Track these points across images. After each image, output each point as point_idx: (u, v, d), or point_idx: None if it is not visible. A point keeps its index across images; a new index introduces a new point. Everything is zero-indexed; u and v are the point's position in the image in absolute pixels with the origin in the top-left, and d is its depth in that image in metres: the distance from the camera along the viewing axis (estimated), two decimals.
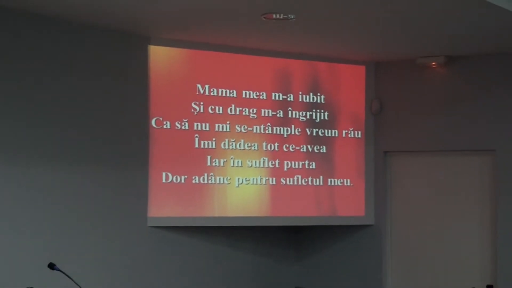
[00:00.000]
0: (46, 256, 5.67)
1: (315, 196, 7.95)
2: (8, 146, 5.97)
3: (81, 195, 6.49)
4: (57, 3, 5.87)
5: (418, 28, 6.67)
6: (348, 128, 8.11)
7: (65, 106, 6.39)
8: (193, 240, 7.37)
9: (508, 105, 7.49)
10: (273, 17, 6.22)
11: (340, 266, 8.24)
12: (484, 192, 7.68)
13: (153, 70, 7.06)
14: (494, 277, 7.56)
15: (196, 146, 7.25)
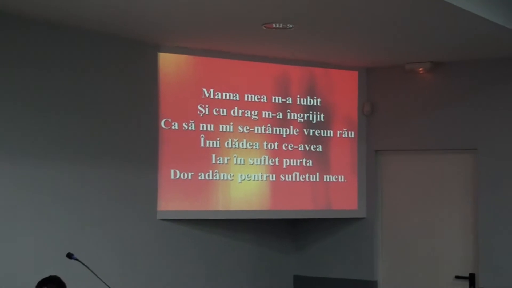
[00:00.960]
0: (65, 246, 5.67)
1: (312, 191, 7.95)
2: (34, 148, 6.02)
3: (97, 191, 6.50)
4: (74, 14, 5.87)
5: (406, 37, 6.68)
6: (342, 129, 8.10)
7: (83, 109, 6.40)
8: (199, 232, 7.37)
9: (488, 107, 7.49)
10: (273, 27, 6.22)
11: (335, 256, 8.23)
12: (467, 187, 7.68)
13: (163, 75, 7.06)
14: (476, 266, 7.57)
15: (202, 145, 7.24)
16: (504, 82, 7.44)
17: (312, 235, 8.36)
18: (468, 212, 7.66)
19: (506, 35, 6.37)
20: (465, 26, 6.15)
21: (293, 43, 6.98)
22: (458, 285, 7.68)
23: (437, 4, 5.40)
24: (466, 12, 5.59)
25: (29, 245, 5.96)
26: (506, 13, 6.08)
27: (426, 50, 7.28)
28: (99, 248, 6.35)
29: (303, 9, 5.75)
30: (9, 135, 5.89)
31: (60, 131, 6.23)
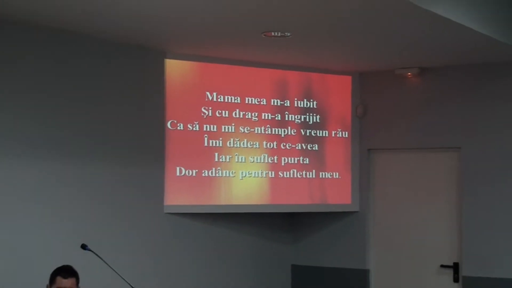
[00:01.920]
0: (79, 238, 5.65)
1: (308, 186, 7.94)
2: (52, 147, 6.03)
3: (108, 187, 6.49)
4: (89, 24, 5.89)
5: (396, 45, 6.68)
6: (337, 129, 8.08)
7: (96, 111, 6.40)
8: (203, 224, 7.36)
9: (471, 109, 7.48)
10: (272, 35, 6.22)
11: (329, 246, 8.23)
12: (451, 183, 7.67)
13: (169, 80, 7.04)
14: (459, 256, 7.56)
15: (205, 144, 7.23)
16: (485, 86, 7.43)
17: (309, 227, 8.35)
18: (453, 206, 7.65)
19: (487, 43, 6.35)
20: (449, 35, 6.15)
21: (290, 50, 6.96)
22: (443, 273, 7.67)
23: (424, 15, 5.39)
24: (451, 21, 5.60)
25: (46, 237, 5.96)
26: (487, 23, 6.06)
27: (414, 57, 7.27)
28: (110, 239, 6.34)
29: (300, 18, 5.74)
30: (31, 135, 5.90)
31: (75, 131, 6.22)
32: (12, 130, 5.80)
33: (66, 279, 5.42)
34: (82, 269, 5.55)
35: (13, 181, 5.78)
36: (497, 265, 7.24)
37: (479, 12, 5.97)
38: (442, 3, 5.45)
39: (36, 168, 5.94)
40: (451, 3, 5.58)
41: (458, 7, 5.67)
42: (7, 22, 5.67)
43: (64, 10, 5.45)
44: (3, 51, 5.70)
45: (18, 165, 5.81)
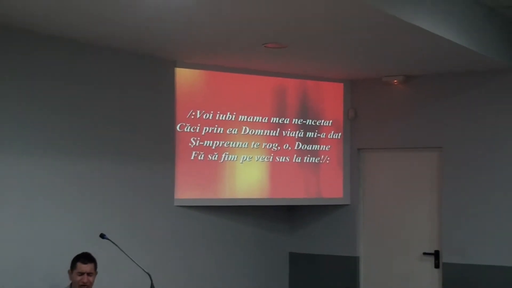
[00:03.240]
0: (97, 229, 5.64)
1: (305, 182, 7.90)
2: (72, 147, 6.01)
3: (125, 182, 6.48)
4: (103, 35, 5.86)
5: (384, 55, 6.66)
6: (330, 131, 8.04)
7: (112, 116, 6.38)
8: (209, 216, 7.33)
9: (451, 112, 7.46)
10: (271, 46, 6.20)
11: (323, 236, 8.20)
12: (433, 179, 7.65)
13: (179, 87, 7.00)
14: (440, 244, 7.55)
15: (211, 145, 7.20)
16: (463, 92, 7.40)
17: (305, 219, 8.32)
18: (434, 200, 7.63)
19: (464, 53, 6.32)
20: (431, 47, 6.12)
21: (288, 60, 6.94)
22: (426, 260, 7.66)
23: (408, 28, 5.39)
24: (433, 34, 5.59)
25: (68, 227, 5.95)
26: (465, 35, 6.05)
27: (400, 66, 7.25)
28: (125, 229, 6.33)
29: (297, 32, 5.74)
30: (58, 138, 5.91)
31: (94, 134, 6.20)
32: (43, 132, 5.80)
33: (86, 264, 5.48)
34: (98, 255, 5.60)
35: (40, 178, 5.77)
36: (473, 253, 7.22)
37: (457, 25, 5.96)
38: (424, 18, 5.45)
39: (61, 166, 5.93)
40: (432, 17, 5.58)
41: (438, 21, 5.66)
42: (28, 32, 5.64)
43: (82, 22, 5.44)
44: (26, 60, 5.69)
45: (45, 164, 5.80)
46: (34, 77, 5.75)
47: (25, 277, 5.61)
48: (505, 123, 7.16)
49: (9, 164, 5.54)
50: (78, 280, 5.44)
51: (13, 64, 5.60)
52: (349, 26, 5.52)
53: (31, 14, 5.17)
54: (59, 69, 5.95)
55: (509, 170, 7.11)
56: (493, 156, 7.20)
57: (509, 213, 7.07)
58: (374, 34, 5.75)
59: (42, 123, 5.79)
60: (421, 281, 7.65)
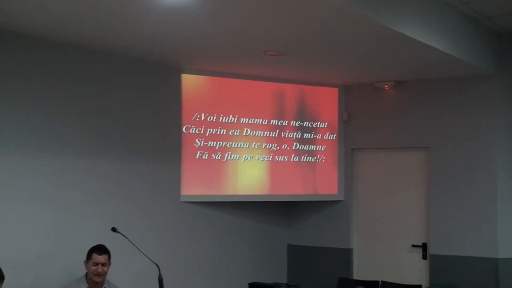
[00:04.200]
0: (109, 223, 5.63)
1: (302, 179, 7.89)
2: (89, 147, 6.04)
3: (135, 179, 6.48)
4: (114, 43, 5.87)
5: (376, 62, 6.67)
6: (326, 132, 8.03)
7: (124, 118, 6.38)
8: (214, 211, 7.33)
9: (438, 115, 7.44)
10: (271, 54, 6.20)
11: (319, 229, 8.20)
12: (421, 176, 7.63)
13: (185, 91, 7.00)
14: (427, 237, 7.54)
15: (215, 145, 7.19)
16: (449, 96, 7.39)
17: (302, 213, 8.32)
18: (422, 196, 7.61)
19: (450, 61, 6.32)
20: (421, 54, 6.11)
21: (287, 67, 6.93)
22: (414, 252, 7.65)
23: (398, 38, 5.40)
24: (421, 43, 5.60)
25: (84, 221, 5.96)
26: (450, 44, 6.04)
27: (391, 72, 7.24)
28: (135, 223, 6.31)
29: (295, 41, 5.74)
30: (78, 140, 5.94)
31: (108, 135, 6.21)
32: (66, 134, 5.84)
33: (100, 255, 5.51)
34: (111, 247, 5.60)
35: (61, 177, 5.80)
36: (458, 245, 7.21)
37: (444, 35, 5.95)
38: (413, 28, 5.46)
39: (80, 165, 5.95)
40: (421, 28, 5.58)
41: (427, 31, 5.66)
42: (50, 41, 5.65)
43: (98, 33, 5.46)
44: (52, 68, 5.71)
45: (66, 163, 5.83)
46: (61, 83, 5.82)
47: (45, 267, 5.63)
48: (487, 125, 7.14)
49: (33, 163, 5.57)
50: (93, 270, 5.49)
51: (39, 72, 5.66)
52: (343, 36, 5.53)
53: (52, 25, 5.21)
54: (80, 75, 5.98)
55: (490, 169, 7.09)
56: (476, 156, 7.18)
57: (489, 209, 7.06)
58: (367, 43, 5.74)
59: (66, 126, 5.83)
60: (410, 271, 7.62)
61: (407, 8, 5.42)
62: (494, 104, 7.13)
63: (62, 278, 5.70)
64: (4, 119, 5.36)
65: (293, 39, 5.65)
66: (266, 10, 4.74)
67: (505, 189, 7.08)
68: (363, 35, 5.44)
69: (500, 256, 6.99)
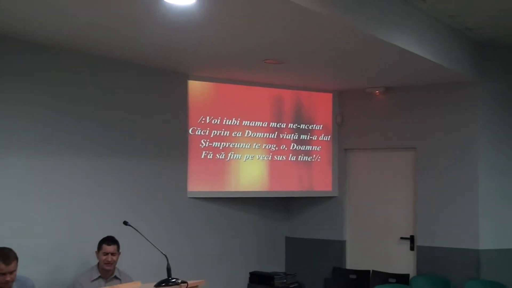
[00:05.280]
0: (120, 217, 5.62)
1: (299, 177, 7.87)
2: (104, 147, 6.03)
3: (144, 178, 6.46)
4: (126, 52, 5.86)
5: (367, 70, 6.64)
6: (321, 134, 8.01)
7: (136, 121, 6.37)
8: (218, 206, 7.31)
9: (424, 118, 7.42)
10: (271, 62, 6.19)
11: (315, 223, 8.17)
12: (409, 174, 7.61)
13: (191, 96, 6.98)
14: (414, 230, 7.52)
15: (219, 146, 7.17)
16: (434, 101, 7.37)
17: (299, 208, 8.30)
18: (410, 192, 7.59)
19: (435, 68, 6.29)
20: (408, 63, 6.10)
21: (285, 74, 6.91)
22: (402, 243, 7.63)
23: (388, 47, 5.39)
24: (408, 52, 5.58)
25: (95, 215, 5.94)
26: (435, 53, 6.03)
27: (380, 79, 7.21)
28: (145, 217, 6.30)
29: (292, 51, 5.73)
30: (94, 142, 5.94)
31: (121, 137, 6.20)
32: (84, 137, 5.86)
33: (110, 246, 5.51)
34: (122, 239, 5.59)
35: (75, 175, 5.78)
36: (443, 237, 7.19)
37: (429, 44, 5.93)
38: (401, 38, 5.44)
39: (93, 164, 5.94)
40: (408, 37, 5.56)
41: (413, 40, 5.65)
42: (58, 49, 5.62)
43: (109, 41, 5.44)
44: (62, 76, 5.68)
45: (80, 163, 5.82)
46: (82, 91, 5.84)
47: (60, 257, 5.62)
48: (469, 127, 7.12)
49: (51, 163, 5.57)
50: (104, 259, 5.49)
51: (62, 80, 5.67)
52: (337, 46, 5.51)
53: (66, 34, 5.18)
54: (99, 83, 6.00)
55: (472, 168, 7.07)
56: (459, 155, 7.16)
57: (471, 204, 7.04)
58: (358, 52, 5.73)
59: (83, 129, 5.84)
60: (399, 262, 7.60)
61: (396, 21, 5.41)
62: (475, 108, 7.11)
63: (76, 267, 5.71)
64: (26, 123, 5.37)
65: (291, 48, 5.64)
66: (266, 22, 4.72)
67: (486, 186, 7.06)
68: (355, 45, 5.42)
69: (481, 248, 6.97)
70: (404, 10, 5.56)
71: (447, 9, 5.78)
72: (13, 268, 4.67)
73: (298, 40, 5.32)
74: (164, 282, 4.10)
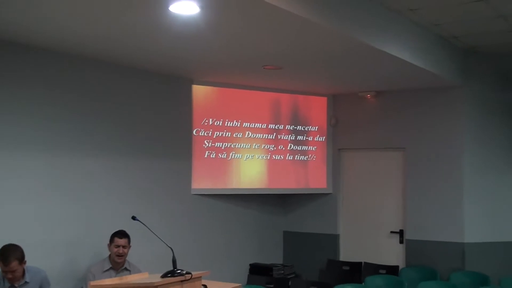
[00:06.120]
0: (129, 212, 5.60)
1: (296, 175, 7.86)
2: (116, 150, 6.05)
3: (151, 176, 6.46)
4: (134, 59, 5.86)
5: (359, 75, 6.64)
6: (316, 135, 8.00)
7: (144, 124, 6.38)
8: (220, 202, 7.30)
9: (413, 120, 7.43)
10: (269, 68, 6.19)
11: (311, 218, 8.17)
12: (398, 172, 7.62)
13: (195, 100, 6.98)
14: (403, 225, 7.53)
15: (221, 146, 7.17)
16: (422, 104, 7.37)
17: (296, 204, 8.30)
18: (399, 189, 7.60)
19: (424, 73, 6.30)
20: (398, 68, 6.10)
21: (283, 79, 6.91)
22: (392, 237, 7.62)
23: (379, 54, 5.40)
24: (399, 59, 5.61)
25: (107, 211, 5.96)
26: (423, 59, 6.04)
27: (372, 83, 7.20)
28: (151, 213, 6.29)
29: (290, 57, 5.74)
30: (103, 139, 5.95)
31: (130, 138, 6.21)
32: (97, 137, 5.88)
33: (121, 239, 5.51)
34: (132, 233, 5.59)
35: (90, 173, 5.82)
36: (430, 231, 7.20)
37: (417, 51, 5.94)
38: (391, 46, 5.45)
39: (105, 164, 5.96)
40: (397, 45, 5.57)
41: (402, 48, 5.66)
42: (75, 57, 5.65)
43: (120, 49, 5.45)
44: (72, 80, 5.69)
45: (93, 162, 5.85)
46: (93, 96, 5.86)
47: (75, 249, 5.65)
48: (455, 128, 7.13)
49: (67, 162, 5.60)
50: (115, 251, 5.49)
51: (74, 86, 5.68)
52: (331, 53, 5.52)
53: (83, 44, 5.22)
54: (108, 89, 6.00)
55: (457, 166, 7.08)
56: (445, 154, 7.17)
57: (456, 200, 7.05)
58: (351, 59, 5.73)
59: (96, 131, 5.87)
60: (389, 254, 7.60)
61: (388, 30, 5.42)
62: (461, 110, 7.12)
63: (89, 259, 5.72)
64: (46, 125, 5.41)
65: (288, 55, 5.64)
66: (265, 31, 4.73)
67: (470, 183, 7.07)
68: (348, 52, 5.42)
69: (466, 241, 6.98)
70: (395, 20, 5.57)
71: (434, 19, 5.80)
72: (13, 268, 4.62)
73: (295, 48, 5.32)
74: (170, 273, 4.10)
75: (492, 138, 7.16)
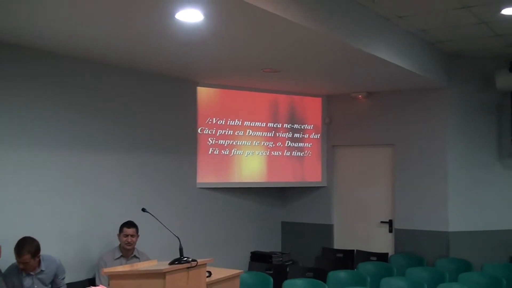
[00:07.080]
0: (138, 204, 5.61)
1: (293, 170, 7.85)
2: (126, 147, 6.02)
3: (160, 170, 6.46)
4: (141, 62, 5.85)
5: (352, 77, 6.62)
6: (312, 133, 8.00)
7: (151, 124, 6.36)
8: (223, 195, 7.30)
9: (401, 119, 7.42)
10: (268, 70, 6.18)
11: (307, 209, 8.16)
12: (388, 167, 7.61)
13: (199, 101, 6.97)
14: (393, 215, 7.53)
15: (224, 143, 7.17)
16: (410, 104, 7.36)
17: (293, 196, 8.29)
18: (388, 183, 7.59)
19: (410, 75, 6.30)
20: (387, 71, 6.09)
21: (280, 81, 6.90)
22: (382, 226, 7.63)
23: (370, 58, 5.40)
24: (388, 62, 5.60)
25: (117, 203, 5.96)
26: (411, 62, 6.03)
27: (363, 85, 7.18)
28: (160, 205, 6.30)
29: (287, 61, 5.73)
30: (115, 136, 5.96)
31: (139, 136, 6.21)
32: (110, 135, 5.89)
33: (130, 228, 5.52)
34: (141, 224, 5.59)
35: (101, 168, 5.81)
36: (417, 221, 7.21)
37: (405, 55, 5.93)
38: (381, 50, 5.45)
39: (117, 160, 5.96)
40: (387, 49, 5.57)
41: (392, 52, 5.66)
42: (88, 62, 5.64)
43: (129, 54, 5.45)
44: (85, 84, 5.69)
45: (106, 159, 5.85)
46: (107, 98, 5.86)
47: (87, 239, 5.65)
48: (440, 126, 7.13)
49: (82, 159, 5.61)
50: (124, 240, 5.50)
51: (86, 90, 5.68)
52: (326, 57, 5.51)
53: (95, 51, 5.21)
54: (116, 91, 5.99)
55: (442, 161, 7.08)
56: (431, 150, 7.17)
57: (441, 193, 7.05)
58: (344, 62, 5.72)
59: (108, 131, 5.87)
60: (379, 242, 7.60)
61: (377, 35, 5.42)
62: (445, 110, 7.12)
63: (100, 248, 5.72)
64: (61, 125, 5.41)
65: (286, 59, 5.63)
66: (264, 37, 4.73)
67: (454, 177, 7.07)
68: (342, 56, 5.41)
69: (450, 230, 6.99)
70: (384, 26, 5.56)
71: (421, 25, 5.79)
72: (25, 260, 4.59)
73: (292, 53, 5.31)
74: (177, 260, 4.10)
75: (474, 135, 7.16)
